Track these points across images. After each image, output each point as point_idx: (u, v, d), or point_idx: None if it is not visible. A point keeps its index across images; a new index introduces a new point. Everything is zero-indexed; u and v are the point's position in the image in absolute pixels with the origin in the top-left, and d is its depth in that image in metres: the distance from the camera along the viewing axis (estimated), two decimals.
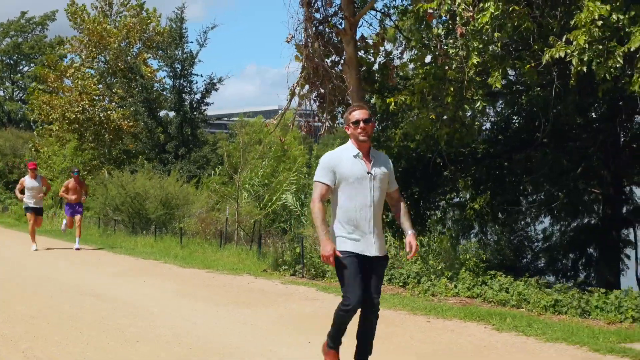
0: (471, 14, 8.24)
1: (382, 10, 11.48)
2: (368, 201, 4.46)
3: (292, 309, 7.71)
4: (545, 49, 7.43)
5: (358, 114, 4.54)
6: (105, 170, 24.84)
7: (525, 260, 19.59)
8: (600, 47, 7.07)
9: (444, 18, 9.25)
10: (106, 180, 21.08)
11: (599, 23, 7.01)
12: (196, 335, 6.16)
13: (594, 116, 13.86)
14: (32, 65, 54.16)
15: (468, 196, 15.41)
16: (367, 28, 16.85)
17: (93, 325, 6.54)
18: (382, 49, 12.17)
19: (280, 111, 12.27)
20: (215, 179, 19.70)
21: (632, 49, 6.88)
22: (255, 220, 17.25)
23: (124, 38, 27.35)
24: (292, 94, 11.37)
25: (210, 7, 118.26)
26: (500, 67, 8.28)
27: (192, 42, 22.51)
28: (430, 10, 8.86)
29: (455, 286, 9.14)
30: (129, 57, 26.21)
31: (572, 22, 7.14)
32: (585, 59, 7.05)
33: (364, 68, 12.06)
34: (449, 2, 8.25)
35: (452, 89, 9.00)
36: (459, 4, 8.31)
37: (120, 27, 27.48)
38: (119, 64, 25.62)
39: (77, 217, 14.82)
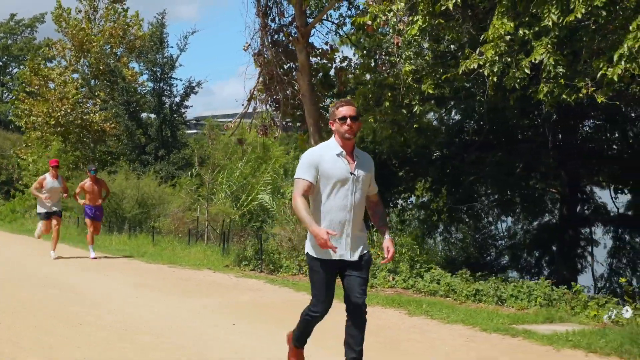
0: (402, 27, 8.95)
1: (333, 21, 12.16)
2: (348, 203, 4.28)
3: (232, 297, 8.40)
4: (460, 60, 8.16)
5: (345, 110, 4.32)
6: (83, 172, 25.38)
7: (489, 257, 20.32)
8: (509, 59, 7.79)
9: (382, 30, 9.94)
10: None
11: (507, 38, 7.73)
12: (136, 318, 6.84)
13: (539, 121, 14.58)
14: (21, 67, 54.71)
15: (427, 197, 16.13)
16: (324, 36, 17.40)
17: (45, 311, 7.20)
18: (337, 55, 12.88)
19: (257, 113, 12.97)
20: (188, 180, 20.32)
21: (536, 61, 7.60)
22: (229, 219, 17.88)
23: (105, 42, 27.97)
24: (251, 99, 12.06)
25: (206, 6, 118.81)
26: (431, 75, 8.99)
27: (172, 47, 23.26)
28: (369, 22, 9.56)
29: (394, 278, 9.84)
30: (111, 61, 26.83)
31: (481, 37, 7.87)
32: (496, 69, 7.77)
33: (321, 74, 12.76)
34: (382, 16, 8.96)
35: (389, 94, 9.70)
36: (391, 18, 9.02)
37: (103, 32, 28.10)
38: (100, 67, 26.26)
39: (97, 222, 13.52)
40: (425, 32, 8.88)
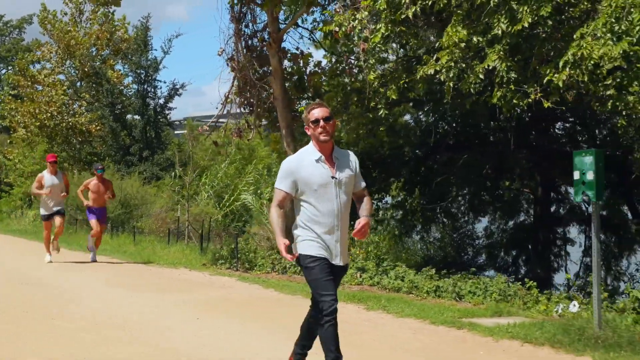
0: (367, 33, 9.31)
1: (305, 27, 12.51)
2: (334, 208, 4.19)
3: (202, 293, 8.74)
4: (418, 66, 8.54)
5: (317, 112, 4.24)
6: (75, 172, 25.65)
7: (466, 257, 20.73)
8: (464, 65, 8.17)
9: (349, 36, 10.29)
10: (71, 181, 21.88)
11: (462, 45, 8.11)
12: (104, 313, 7.16)
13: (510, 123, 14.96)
14: (9, 68, 54.72)
15: (400, 197, 16.50)
16: (296, 41, 17.68)
17: (18, 306, 7.51)
18: (311, 59, 13.21)
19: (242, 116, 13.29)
20: (171, 181, 20.62)
21: (490, 67, 7.98)
22: (210, 219, 18.21)
23: (92, 45, 28.22)
24: (226, 102, 12.39)
25: (195, 6, 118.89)
26: (394, 80, 9.36)
27: (156, 49, 23.34)
28: (336, 29, 9.92)
29: (361, 275, 10.21)
30: (97, 63, 27.08)
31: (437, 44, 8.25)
32: (451, 75, 8.14)
33: (295, 77, 13.09)
34: (346, 24, 9.32)
35: (355, 98, 10.06)
36: (356, 26, 9.38)
37: (89, 35, 28.33)
38: (85, 69, 26.51)
39: (101, 225, 12.68)
40: (388, 39, 9.25)
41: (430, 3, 8.56)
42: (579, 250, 20.73)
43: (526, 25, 7.46)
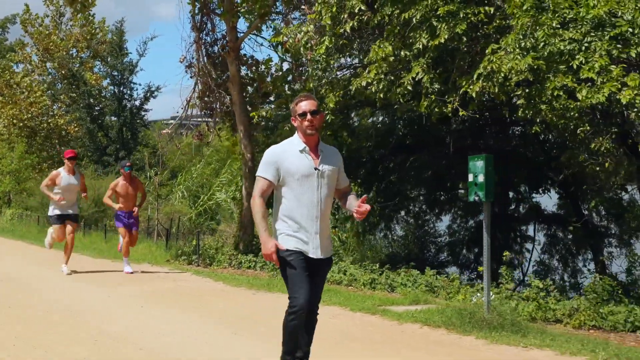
0: (313, 43, 10.06)
1: (263, 36, 13.25)
2: (315, 199, 4.20)
3: (153, 286, 9.45)
4: (352, 78, 9.30)
5: (305, 105, 4.23)
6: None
7: (429, 254, 21.56)
8: (392, 77, 8.94)
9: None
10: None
11: (391, 59, 8.87)
12: (57, 302, 7.87)
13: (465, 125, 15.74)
14: None
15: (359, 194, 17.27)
16: (253, 48, 18.38)
17: None
18: (272, 64, 13.95)
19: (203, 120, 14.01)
20: (145, 181, 21.25)
21: (416, 79, 8.75)
22: (179, 217, 18.89)
23: (72, 46, 28.80)
24: (187, 106, 13.11)
25: (187, 5, 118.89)
26: (333, 89, 10.12)
27: (131, 52, 24.09)
28: (285, 39, 10.66)
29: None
30: (76, 65, 27.68)
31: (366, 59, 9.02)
32: (381, 87, 8.91)
33: (256, 84, 13.83)
34: (292, 36, 10.07)
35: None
36: (302, 38, 10.13)
37: (67, 38, 28.91)
38: (63, 72, 27.12)
39: (133, 231, 11.12)
40: (332, 51, 10.00)
41: (365, 19, 9.34)
42: (538, 248, 21.66)
43: (442, 40, 8.22)
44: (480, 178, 6.48)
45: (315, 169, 4.22)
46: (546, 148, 16.95)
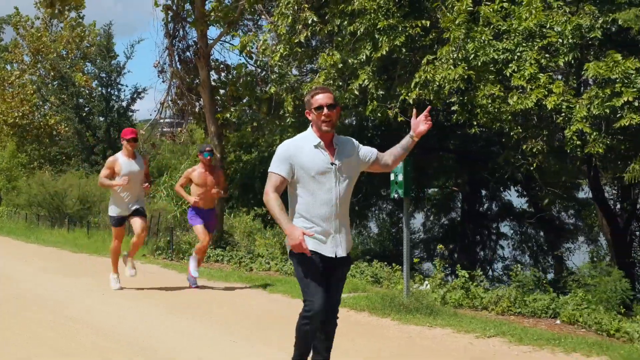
0: (268, 53, 10.81)
1: (231, 43, 13.98)
2: (333, 196, 3.99)
3: (132, 279, 10.14)
4: (304, 84, 10.06)
5: (321, 98, 4.01)
6: (45, 171, 26.90)
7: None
8: (341, 83, 9.69)
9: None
10: (42, 180, 23.10)
11: (340, 66, 9.62)
12: (35, 294, 8.59)
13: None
14: None
15: None
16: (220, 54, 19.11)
17: None
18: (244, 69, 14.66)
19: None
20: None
21: (362, 85, 9.49)
22: (160, 214, 19.58)
23: (62, 48, 29.53)
24: (161, 109, 13.85)
25: None
26: (290, 94, 10.87)
27: (119, 55, 24.93)
28: (249, 46, 11.41)
29: (267, 262, 11.70)
30: (68, 67, 28.39)
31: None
32: None
33: (228, 87, 14.56)
34: (250, 44, 10.82)
35: (265, 108, 11.54)
36: (260, 46, 10.88)
37: (58, 40, 29.62)
38: (52, 74, 27.88)
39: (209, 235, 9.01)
40: (288, 58, 10.76)
41: (318, 29, 10.09)
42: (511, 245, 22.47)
43: (384, 53, 8.97)
44: (400, 177, 7.21)
45: (332, 164, 4.01)
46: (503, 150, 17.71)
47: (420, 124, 4.22)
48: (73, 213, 20.01)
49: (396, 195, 7.32)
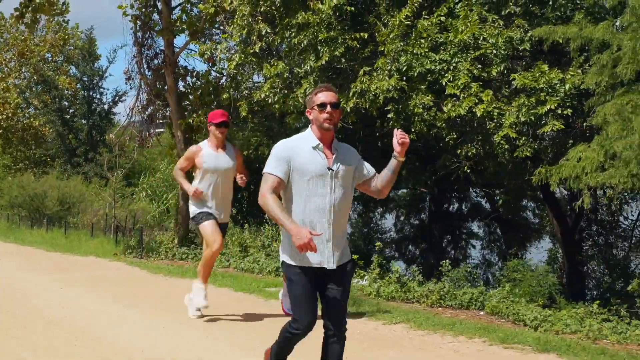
0: (225, 61, 11.48)
1: (195, 50, 14.61)
2: (327, 203, 3.81)
3: (84, 273, 10.81)
4: (253, 92, 10.72)
5: (324, 96, 3.87)
6: (23, 174, 27.36)
7: (374, 249, 23.05)
8: (286, 91, 10.36)
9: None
10: (22, 182, 23.66)
11: (285, 75, 10.29)
12: (10, 287, 9.21)
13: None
14: None
15: None
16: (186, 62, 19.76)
17: None
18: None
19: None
20: (111, 181, 22.61)
21: (305, 93, 10.14)
22: (135, 214, 20.21)
23: (46, 51, 30.13)
24: (131, 114, 14.49)
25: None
26: (245, 101, 11.53)
27: (101, 55, 25.65)
28: (209, 54, 12.07)
29: (227, 260, 12.33)
30: (52, 70, 28.97)
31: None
32: (276, 99, 10.32)
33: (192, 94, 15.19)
34: (208, 53, 11.48)
35: (245, 112, 12.12)
36: (218, 54, 11.55)
37: (44, 43, 30.21)
38: (35, 77, 28.48)
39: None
40: (243, 67, 11.43)
41: (271, 40, 10.76)
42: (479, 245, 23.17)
43: (324, 62, 9.64)
44: None
45: (329, 169, 3.83)
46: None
47: (396, 144, 3.96)
48: (52, 214, 20.62)
49: None
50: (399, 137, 3.92)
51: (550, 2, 9.58)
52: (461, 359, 5.52)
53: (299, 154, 3.82)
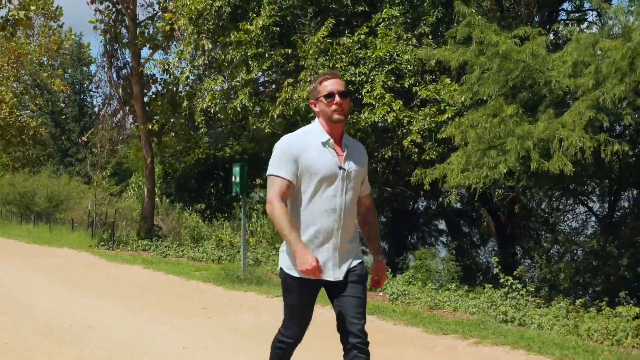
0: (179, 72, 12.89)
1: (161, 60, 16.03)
2: (337, 205, 3.36)
3: (50, 261, 12.20)
4: (195, 102, 12.14)
5: (331, 85, 3.39)
6: (15, 174, 28.77)
7: None
8: (225, 101, 11.75)
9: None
10: (13, 181, 25.10)
11: (225, 87, 11.68)
12: None
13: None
14: None
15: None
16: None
17: None
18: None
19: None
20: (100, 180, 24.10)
21: (242, 103, 11.52)
22: (116, 210, 21.69)
23: (41, 55, 31.66)
24: (103, 119, 15.96)
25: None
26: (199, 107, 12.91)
27: (92, 58, 26.98)
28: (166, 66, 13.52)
29: (182, 250, 13.74)
30: (47, 73, 30.51)
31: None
32: (217, 109, 11.69)
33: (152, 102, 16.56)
34: (164, 65, 12.93)
35: (199, 119, 13.45)
36: (172, 67, 12.98)
37: (39, 47, 31.73)
38: (29, 81, 30.04)
39: None
40: (194, 78, 12.85)
41: (212, 55, 12.16)
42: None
43: (254, 75, 11.03)
44: (237, 179, 9.25)
45: (341, 168, 3.38)
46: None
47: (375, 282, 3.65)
48: (41, 210, 22.14)
49: (234, 193, 9.37)
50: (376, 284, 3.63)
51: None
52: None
53: (306, 151, 3.35)
